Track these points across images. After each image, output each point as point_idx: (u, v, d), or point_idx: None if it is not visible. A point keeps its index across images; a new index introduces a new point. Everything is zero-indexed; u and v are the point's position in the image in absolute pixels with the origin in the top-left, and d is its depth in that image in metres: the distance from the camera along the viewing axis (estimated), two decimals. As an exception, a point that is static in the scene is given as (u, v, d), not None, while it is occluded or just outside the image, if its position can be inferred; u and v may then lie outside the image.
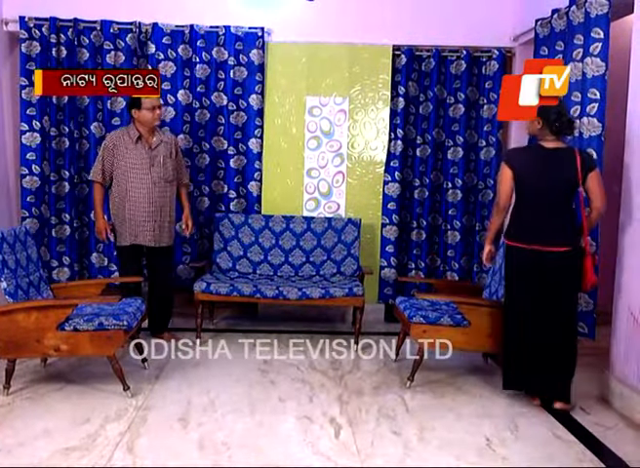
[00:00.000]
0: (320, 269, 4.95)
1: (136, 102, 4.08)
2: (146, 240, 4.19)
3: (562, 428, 3.18)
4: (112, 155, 4.12)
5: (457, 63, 5.07)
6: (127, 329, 3.42)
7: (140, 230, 4.16)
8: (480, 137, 5.12)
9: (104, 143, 4.17)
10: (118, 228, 4.20)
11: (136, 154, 4.11)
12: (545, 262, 3.27)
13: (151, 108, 4.08)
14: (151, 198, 4.14)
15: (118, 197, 4.16)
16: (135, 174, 4.11)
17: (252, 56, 4.91)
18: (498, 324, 3.58)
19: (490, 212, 5.09)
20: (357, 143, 5.15)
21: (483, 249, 3.69)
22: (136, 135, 4.12)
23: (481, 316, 3.61)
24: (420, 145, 5.15)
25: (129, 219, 4.14)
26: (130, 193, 4.12)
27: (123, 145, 4.11)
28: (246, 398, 3.48)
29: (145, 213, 4.14)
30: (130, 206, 4.13)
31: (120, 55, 4.81)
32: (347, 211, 5.18)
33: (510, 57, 5.08)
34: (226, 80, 4.94)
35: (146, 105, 4.07)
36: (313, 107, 5.10)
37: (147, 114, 4.09)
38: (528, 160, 3.35)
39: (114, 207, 4.21)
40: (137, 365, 3.86)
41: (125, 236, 4.18)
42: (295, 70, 5.03)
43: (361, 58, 5.04)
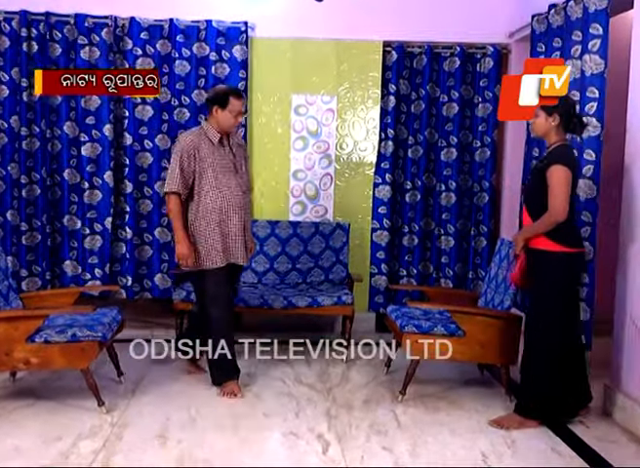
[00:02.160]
0: (307, 276, 4.95)
1: (221, 100, 3.67)
2: (239, 257, 3.79)
3: (561, 443, 3.19)
4: (194, 160, 3.66)
5: (450, 60, 5.10)
6: (102, 340, 3.41)
7: (235, 248, 3.76)
8: (475, 138, 5.15)
9: (181, 146, 3.66)
10: (204, 248, 3.70)
11: (220, 158, 3.73)
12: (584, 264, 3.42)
13: (235, 114, 3.68)
14: (241, 209, 3.77)
15: (206, 210, 3.68)
16: (224, 181, 3.71)
17: (234, 51, 4.92)
18: (493, 333, 3.60)
19: (486, 215, 5.13)
20: (346, 144, 5.17)
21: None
22: (217, 135, 3.72)
23: (477, 325, 3.62)
24: (412, 146, 5.16)
25: (224, 235, 3.72)
26: (224, 204, 3.69)
27: (205, 148, 3.69)
28: (228, 413, 3.46)
29: (239, 226, 3.75)
30: (224, 218, 3.71)
31: (95, 50, 4.79)
32: (336, 215, 5.19)
33: (506, 53, 5.12)
34: (208, 77, 4.93)
35: (232, 108, 3.66)
36: (299, 106, 5.11)
37: (229, 119, 3.68)
38: (573, 161, 3.27)
39: (197, 222, 3.71)
40: (112, 379, 3.85)
41: (218, 255, 3.71)
42: (280, 67, 5.04)
43: (350, 55, 5.06)
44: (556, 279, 3.25)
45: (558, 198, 3.14)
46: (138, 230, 5.00)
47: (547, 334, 3.26)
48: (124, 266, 4.99)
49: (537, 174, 3.31)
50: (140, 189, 4.99)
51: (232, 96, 3.67)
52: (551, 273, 3.25)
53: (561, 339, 3.27)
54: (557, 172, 3.15)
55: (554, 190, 3.15)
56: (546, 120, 3.27)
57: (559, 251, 3.21)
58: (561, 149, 3.26)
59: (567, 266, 3.25)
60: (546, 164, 3.22)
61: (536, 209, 3.28)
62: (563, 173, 3.14)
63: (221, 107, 3.67)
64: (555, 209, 3.14)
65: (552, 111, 3.24)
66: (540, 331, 3.29)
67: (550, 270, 3.25)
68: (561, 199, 3.14)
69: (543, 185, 3.20)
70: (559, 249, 3.21)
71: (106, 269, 4.93)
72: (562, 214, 3.14)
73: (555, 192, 3.14)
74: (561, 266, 3.24)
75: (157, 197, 4.98)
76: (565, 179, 3.15)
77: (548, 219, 3.18)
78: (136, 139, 4.94)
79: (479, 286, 5.01)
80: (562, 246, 3.21)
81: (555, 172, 3.15)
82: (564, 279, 3.26)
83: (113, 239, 4.97)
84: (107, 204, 4.89)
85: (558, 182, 3.14)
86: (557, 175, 3.15)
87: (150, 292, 5.05)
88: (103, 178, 4.88)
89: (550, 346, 3.27)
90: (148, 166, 4.98)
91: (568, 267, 3.26)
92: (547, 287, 3.26)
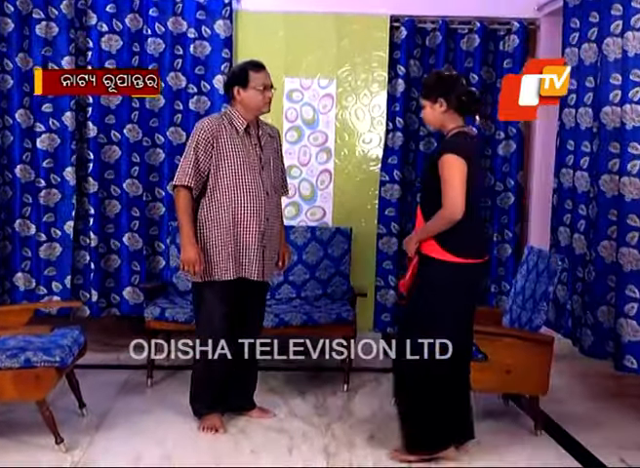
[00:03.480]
0: (301, 290, 4.95)
1: (240, 78, 3.61)
2: (252, 272, 3.66)
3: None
4: (212, 150, 3.58)
5: (468, 38, 5.12)
6: (60, 366, 3.39)
7: (249, 259, 3.65)
8: (498, 128, 5.16)
9: (198, 134, 3.59)
10: (213, 255, 3.63)
11: (244, 151, 3.63)
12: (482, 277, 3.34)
13: (262, 88, 3.61)
14: (263, 214, 3.64)
15: (219, 211, 3.61)
16: (245, 178, 3.61)
17: (217, 27, 4.94)
18: (521, 358, 3.60)
19: (512, 219, 5.14)
20: (347, 135, 5.18)
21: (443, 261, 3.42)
22: (243, 123, 3.64)
23: (500, 348, 3.62)
24: (425, 138, 5.18)
25: (236, 243, 3.62)
26: (240, 206, 3.60)
27: (226, 137, 3.60)
28: (210, 450, 3.46)
29: (256, 234, 3.63)
30: (238, 223, 3.61)
31: (53, 26, 4.81)
32: (335, 218, 5.20)
33: (534, 30, 5.14)
34: (185, 57, 4.95)
35: (255, 83, 3.59)
36: (293, 91, 5.13)
37: (256, 96, 3.60)
38: (471, 150, 3.24)
39: (208, 224, 3.64)
40: (72, 411, 3.83)
41: (226, 267, 3.62)
42: (270, 46, 5.06)
43: (351, 32, 5.08)
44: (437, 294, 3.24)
45: (452, 191, 3.09)
46: (103, 236, 5.01)
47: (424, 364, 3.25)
48: (87, 279, 5.00)
49: (429, 167, 3.29)
50: (106, 188, 5.00)
51: (251, 69, 3.61)
52: (434, 286, 3.24)
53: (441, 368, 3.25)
54: (448, 161, 3.11)
55: (447, 183, 3.10)
56: (432, 108, 3.27)
57: (447, 260, 3.19)
58: (455, 137, 3.25)
59: (454, 280, 3.22)
60: (437, 154, 3.21)
61: (430, 207, 3.24)
62: (456, 161, 3.10)
63: (243, 86, 3.61)
64: (450, 203, 3.09)
65: (435, 97, 3.24)
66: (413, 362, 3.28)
67: (434, 282, 3.24)
68: (456, 192, 3.09)
69: (437, 179, 3.16)
70: (447, 258, 3.19)
71: (66, 282, 4.93)
72: (459, 210, 3.08)
73: (448, 185, 3.10)
74: (446, 279, 3.22)
75: (126, 197, 4.99)
76: (458, 170, 3.10)
77: (442, 216, 3.13)
78: (101, 130, 4.94)
79: (503, 301, 5.01)
80: (451, 254, 3.18)
81: (446, 161, 3.12)
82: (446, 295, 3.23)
83: (75, 247, 4.97)
84: (68, 205, 4.90)
85: (450, 173, 3.10)
86: (449, 166, 3.11)
87: (118, 309, 5.06)
88: (63, 176, 4.89)
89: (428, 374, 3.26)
90: (116, 161, 4.99)
91: (456, 282, 3.23)
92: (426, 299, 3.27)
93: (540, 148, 5.18)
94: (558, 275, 3.71)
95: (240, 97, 3.62)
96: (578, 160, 4.31)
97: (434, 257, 3.20)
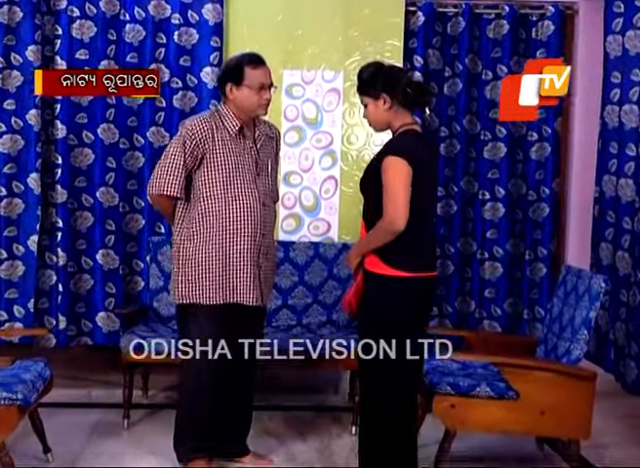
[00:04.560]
0: (303, 317, 4.94)
1: (233, 74, 3.58)
2: (248, 296, 3.61)
3: None
4: (200, 153, 3.55)
5: (496, 24, 5.13)
6: (22, 404, 3.37)
7: (241, 281, 3.60)
8: (530, 129, 5.17)
9: (183, 136, 3.55)
10: (198, 277, 3.59)
11: (237, 155, 3.62)
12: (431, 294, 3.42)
13: (258, 87, 3.56)
14: (259, 228, 3.61)
15: (207, 225, 3.58)
16: (238, 187, 3.59)
17: (205, 13, 4.95)
18: (558, 395, 3.57)
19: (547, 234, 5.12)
20: (355, 137, 5.18)
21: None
22: (235, 124, 3.62)
23: (535, 384, 3.59)
24: (446, 140, 5.19)
25: (227, 262, 3.59)
26: (233, 219, 3.57)
27: (216, 139, 3.57)
28: (195, 505, 3.44)
29: (251, 251, 3.60)
30: (231, 239, 3.58)
31: (17, 11, 4.82)
32: (342, 233, 5.19)
33: (571, 15, 5.15)
34: (168, 46, 4.97)
35: (251, 81, 3.55)
36: (293, 85, 5.13)
37: (250, 96, 3.56)
38: (419, 152, 3.22)
39: (193, 239, 3.60)
40: (35, 456, 3.81)
41: (214, 289, 3.59)
42: (267, 33, 5.06)
43: (361, 17, 5.09)
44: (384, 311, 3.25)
45: (394, 199, 3.08)
46: (73, 253, 5.00)
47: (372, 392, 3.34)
48: (54, 302, 4.98)
49: (371, 171, 3.27)
50: (76, 198, 5.00)
51: (247, 65, 3.56)
52: (378, 305, 3.26)
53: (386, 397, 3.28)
54: (391, 165, 3.11)
55: (388, 189, 3.10)
56: (376, 107, 3.26)
57: (392, 275, 3.19)
58: (402, 137, 3.25)
59: (402, 297, 3.23)
60: (379, 156, 3.21)
61: (372, 217, 3.24)
62: (399, 165, 3.09)
63: (236, 84, 3.57)
64: (390, 213, 3.09)
65: (377, 93, 3.23)
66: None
67: (379, 301, 3.25)
68: (397, 199, 3.08)
69: (379, 185, 3.16)
70: (392, 272, 3.19)
71: (30, 306, 4.91)
72: (401, 221, 3.07)
73: (390, 192, 3.09)
74: (393, 296, 3.22)
75: (100, 208, 4.99)
76: (401, 174, 3.09)
77: (383, 227, 3.13)
78: (71, 130, 4.95)
79: (537, 329, 4.99)
80: (395, 268, 3.19)
81: (389, 165, 3.11)
82: (394, 312, 3.24)
83: (40, 265, 4.97)
84: (32, 218, 4.90)
85: (393, 178, 3.09)
86: (392, 170, 3.10)
87: (90, 338, 5.04)
88: (27, 183, 4.89)
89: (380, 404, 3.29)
90: (88, 166, 5.00)
91: (403, 298, 3.23)
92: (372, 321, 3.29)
93: (579, 151, 5.17)
94: (601, 299, 3.69)
95: (233, 95, 3.59)
96: (622, 165, 4.31)
97: (376, 272, 3.21)
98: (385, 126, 3.32)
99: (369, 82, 3.25)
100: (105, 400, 4.67)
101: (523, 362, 3.77)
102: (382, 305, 3.22)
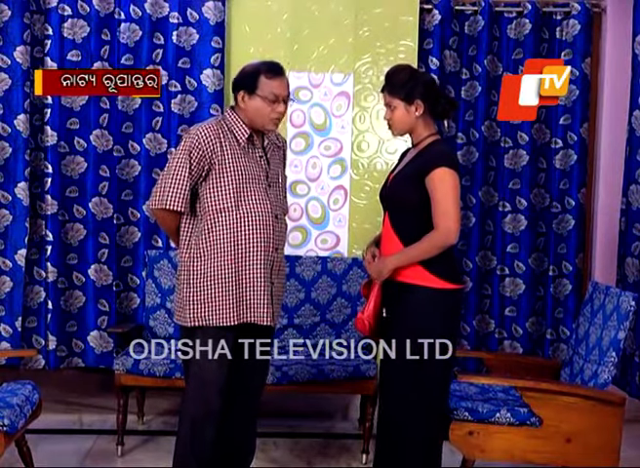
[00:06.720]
0: (309, 336, 4.93)
1: (248, 82, 3.50)
2: (263, 315, 3.55)
3: None
4: (207, 164, 3.48)
5: (518, 24, 5.14)
6: (9, 431, 3.38)
7: (256, 299, 3.55)
8: (554, 135, 5.17)
9: (188, 145, 3.47)
10: (208, 296, 3.53)
11: (247, 165, 3.56)
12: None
13: (272, 99, 3.48)
14: (272, 243, 3.57)
15: (216, 240, 3.52)
16: (249, 199, 3.54)
17: (205, 11, 4.97)
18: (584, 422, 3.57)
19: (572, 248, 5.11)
20: (366, 144, 5.19)
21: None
22: (245, 133, 3.55)
23: (559, 410, 3.59)
24: (463, 147, 5.20)
25: (238, 280, 3.54)
26: (244, 233, 3.52)
27: (224, 149, 3.51)
28: None
29: (264, 267, 3.55)
30: (242, 255, 3.53)
31: (4, 9, 4.85)
32: (352, 247, 5.19)
33: (599, 13, 5.15)
34: (166, 47, 4.99)
35: (265, 91, 3.46)
36: (300, 89, 5.14)
37: (262, 107, 3.48)
38: (457, 160, 3.40)
39: (202, 256, 3.54)
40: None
41: (228, 309, 3.52)
42: (272, 33, 5.08)
43: (373, 16, 5.10)
44: (432, 327, 3.27)
45: (449, 211, 3.20)
46: (64, 268, 5.01)
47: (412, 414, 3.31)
48: (43, 321, 4.99)
49: (410, 182, 3.32)
50: (67, 209, 5.02)
51: (264, 73, 3.48)
52: (425, 319, 3.29)
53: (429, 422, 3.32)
54: (446, 177, 3.21)
55: (442, 202, 3.20)
56: (408, 112, 3.32)
57: (438, 287, 3.26)
58: (439, 146, 3.34)
59: (447, 309, 3.33)
60: (424, 167, 3.25)
61: (409, 228, 3.31)
62: (453, 177, 3.23)
63: (249, 92, 3.49)
64: (445, 227, 3.19)
65: (412, 98, 3.29)
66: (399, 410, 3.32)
67: (425, 314, 3.30)
68: (453, 212, 3.21)
69: (421, 195, 3.25)
70: (438, 285, 3.26)
71: (17, 325, 4.91)
72: (454, 235, 3.21)
73: (445, 203, 3.20)
74: (440, 309, 3.30)
75: (92, 220, 5.01)
76: (455, 187, 3.23)
77: (436, 239, 3.22)
78: (62, 137, 4.97)
79: (561, 351, 4.98)
80: (443, 280, 3.26)
81: (444, 177, 3.21)
82: (442, 328, 3.29)
83: (28, 281, 4.98)
84: (20, 230, 4.90)
85: (447, 191, 3.21)
86: (447, 182, 3.21)
87: (82, 359, 5.04)
88: (14, 193, 4.90)
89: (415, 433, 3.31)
90: (80, 175, 5.02)
91: (449, 310, 3.34)
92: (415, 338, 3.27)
93: (607, 159, 5.16)
94: (630, 318, 3.69)
95: (244, 104, 3.52)
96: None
97: (421, 285, 3.25)
98: (407, 132, 3.39)
99: (405, 85, 3.29)
100: (98, 425, 4.67)
101: (547, 386, 3.76)
102: (430, 318, 3.27)
